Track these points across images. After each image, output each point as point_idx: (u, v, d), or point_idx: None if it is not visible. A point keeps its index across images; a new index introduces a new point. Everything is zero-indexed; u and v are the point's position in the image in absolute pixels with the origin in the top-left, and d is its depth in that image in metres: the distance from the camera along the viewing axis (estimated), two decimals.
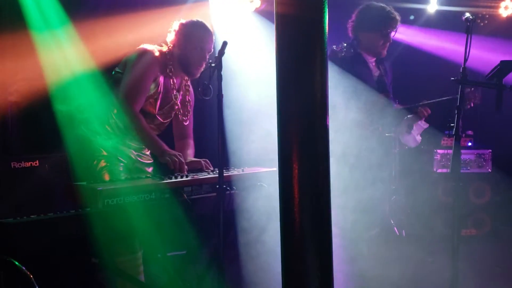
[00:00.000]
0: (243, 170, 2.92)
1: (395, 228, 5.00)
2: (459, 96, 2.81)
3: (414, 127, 3.57)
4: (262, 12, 4.80)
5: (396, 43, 5.92)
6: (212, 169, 2.92)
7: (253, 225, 2.77)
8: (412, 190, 5.43)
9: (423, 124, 3.66)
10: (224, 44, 2.56)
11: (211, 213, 2.54)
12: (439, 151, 5.03)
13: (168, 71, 2.96)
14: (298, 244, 1.37)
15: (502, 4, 5.34)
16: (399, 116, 3.52)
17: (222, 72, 2.55)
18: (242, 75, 4.10)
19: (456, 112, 2.79)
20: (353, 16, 3.58)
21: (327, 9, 1.41)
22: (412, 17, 5.84)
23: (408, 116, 3.51)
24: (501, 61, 2.77)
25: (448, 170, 4.93)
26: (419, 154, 5.48)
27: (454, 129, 2.78)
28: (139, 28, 3.55)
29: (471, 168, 4.99)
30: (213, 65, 2.55)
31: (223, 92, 2.54)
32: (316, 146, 1.39)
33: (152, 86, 2.90)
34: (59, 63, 3.22)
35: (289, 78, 1.42)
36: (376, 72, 3.59)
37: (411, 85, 5.14)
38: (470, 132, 5.24)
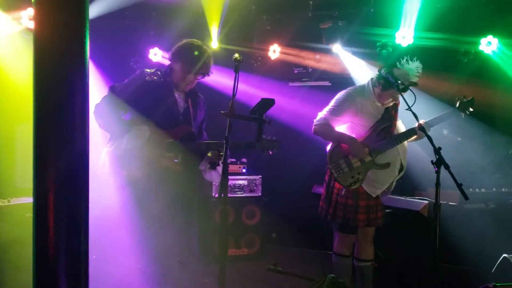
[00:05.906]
0: (9, 201, 2.71)
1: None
2: (227, 128, 3.08)
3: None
4: None
5: None
6: None
7: (18, 258, 2.57)
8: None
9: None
10: None
11: None
12: None
13: None
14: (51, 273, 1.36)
15: (271, 48, 6.09)
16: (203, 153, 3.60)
17: None
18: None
19: (224, 142, 3.05)
20: (174, 47, 3.64)
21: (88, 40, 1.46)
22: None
23: (208, 154, 3.59)
24: (262, 99, 3.12)
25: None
26: (200, 180, 5.80)
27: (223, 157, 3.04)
28: None
29: (245, 192, 5.49)
30: None
31: None
32: (75, 176, 1.41)
33: None
34: None
35: (48, 107, 1.42)
36: (182, 104, 3.66)
37: None
38: (244, 160, 5.78)
